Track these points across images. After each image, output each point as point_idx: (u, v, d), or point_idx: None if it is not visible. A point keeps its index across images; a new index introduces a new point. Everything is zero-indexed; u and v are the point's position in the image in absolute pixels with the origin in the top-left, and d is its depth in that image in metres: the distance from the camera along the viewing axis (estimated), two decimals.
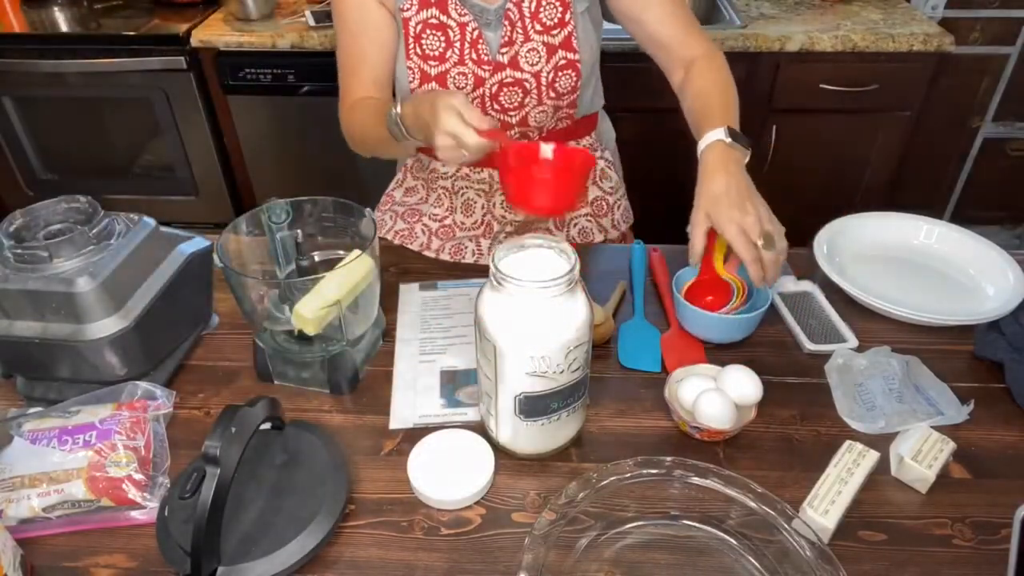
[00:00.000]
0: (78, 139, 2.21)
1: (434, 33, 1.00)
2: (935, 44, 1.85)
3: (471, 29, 0.99)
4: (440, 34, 1.00)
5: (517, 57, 1.01)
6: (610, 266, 1.07)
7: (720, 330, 0.90)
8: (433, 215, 1.17)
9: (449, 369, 0.90)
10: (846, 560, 0.65)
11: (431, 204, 1.18)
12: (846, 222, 1.08)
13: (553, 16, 0.99)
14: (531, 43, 1.00)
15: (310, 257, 0.87)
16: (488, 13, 1.00)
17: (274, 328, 0.85)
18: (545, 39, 1.00)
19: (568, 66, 1.02)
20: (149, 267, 0.84)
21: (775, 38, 1.86)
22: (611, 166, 1.21)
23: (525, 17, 0.99)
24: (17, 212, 0.80)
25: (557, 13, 0.99)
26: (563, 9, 0.99)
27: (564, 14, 0.99)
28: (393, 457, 0.79)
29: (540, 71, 1.01)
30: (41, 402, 0.84)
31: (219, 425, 0.62)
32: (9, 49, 2.01)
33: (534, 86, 1.02)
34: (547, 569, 0.64)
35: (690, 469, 0.71)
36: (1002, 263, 0.99)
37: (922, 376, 0.86)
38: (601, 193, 1.19)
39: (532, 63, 1.01)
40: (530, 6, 0.98)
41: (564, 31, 1.00)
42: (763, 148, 2.05)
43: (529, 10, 0.98)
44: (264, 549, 0.65)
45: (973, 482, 0.75)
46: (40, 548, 0.70)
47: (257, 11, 2.01)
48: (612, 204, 1.21)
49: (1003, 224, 2.58)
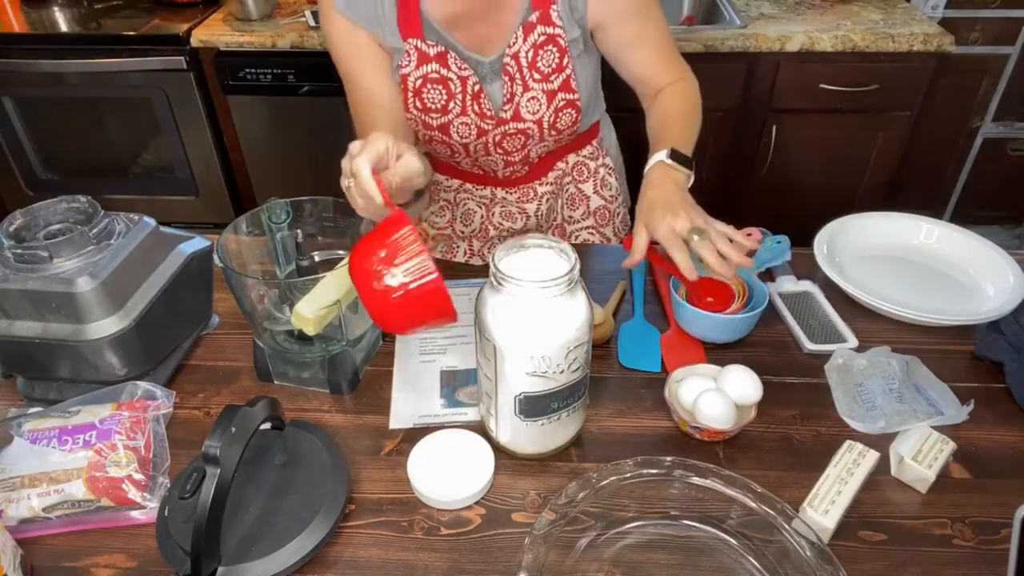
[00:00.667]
0: (78, 139, 2.21)
1: (435, 87, 0.98)
2: (935, 44, 1.85)
3: (472, 83, 0.99)
4: (441, 87, 0.99)
5: (519, 108, 1.00)
6: (610, 266, 1.07)
7: (718, 330, 0.90)
8: (433, 223, 1.18)
9: (449, 369, 0.90)
10: (846, 560, 0.65)
11: (434, 213, 1.18)
12: (846, 222, 1.08)
13: (551, 63, 0.98)
14: (531, 92, 0.99)
15: (310, 257, 0.87)
16: (483, 66, 0.99)
17: (274, 328, 0.85)
18: (544, 86, 0.99)
19: (568, 105, 1.01)
20: (149, 267, 0.84)
21: (775, 38, 1.86)
22: (612, 172, 1.21)
23: (523, 67, 0.98)
24: (17, 212, 0.80)
25: (554, 59, 0.98)
26: (560, 55, 0.97)
27: (562, 59, 0.98)
28: (393, 457, 0.79)
29: (542, 117, 1.01)
30: (41, 402, 0.84)
31: (219, 425, 0.62)
32: (9, 49, 2.01)
33: (536, 131, 1.03)
34: (547, 569, 0.64)
35: (690, 469, 0.71)
36: (1002, 263, 0.99)
37: (922, 376, 0.86)
38: (603, 202, 1.20)
39: (533, 111, 1.01)
40: (527, 56, 0.97)
41: (562, 75, 0.99)
42: (763, 148, 2.05)
43: (527, 60, 0.97)
44: (264, 549, 0.65)
45: (973, 482, 0.75)
46: (40, 548, 0.70)
47: (257, 11, 2.01)
48: (613, 211, 1.22)
49: (1003, 224, 2.58)
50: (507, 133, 1.03)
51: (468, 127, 1.02)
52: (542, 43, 0.96)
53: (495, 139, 1.04)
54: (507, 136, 1.03)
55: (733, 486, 0.70)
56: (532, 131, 1.03)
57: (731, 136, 2.03)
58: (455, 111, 1.00)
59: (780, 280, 1.01)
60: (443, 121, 1.01)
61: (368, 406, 0.85)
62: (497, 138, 1.03)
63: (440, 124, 1.01)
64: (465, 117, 1.01)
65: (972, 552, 0.68)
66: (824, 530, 0.68)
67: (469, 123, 1.01)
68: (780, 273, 1.02)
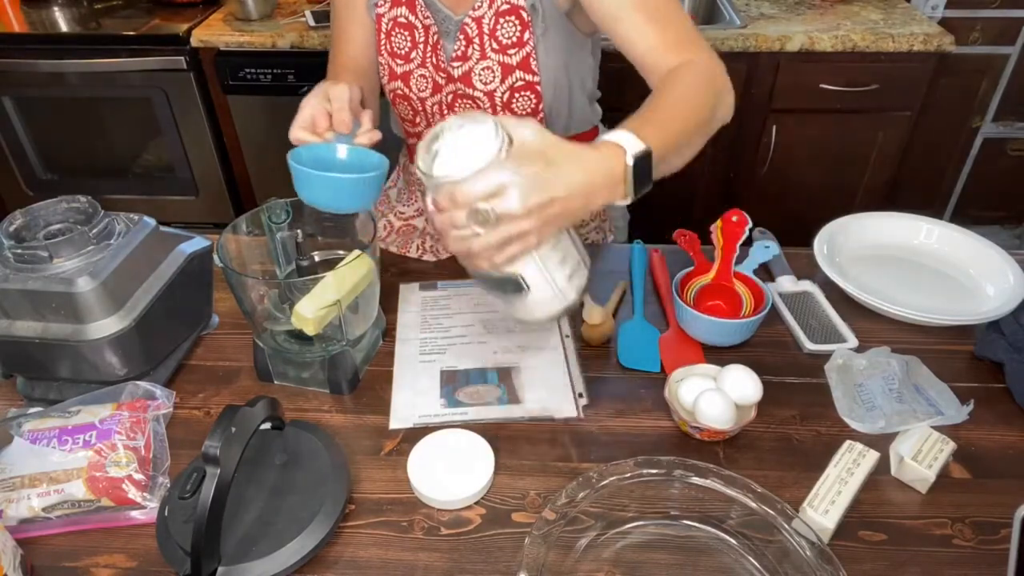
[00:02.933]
0: (78, 139, 2.21)
1: (401, 32, 0.99)
2: (935, 44, 1.85)
3: (432, 33, 0.98)
4: (407, 33, 0.99)
5: (471, 74, 0.98)
6: (610, 266, 1.07)
7: (719, 334, 0.90)
8: (399, 213, 1.17)
9: (449, 369, 0.90)
10: (846, 560, 0.65)
11: (400, 202, 1.18)
12: (846, 222, 1.08)
13: (511, 35, 0.94)
14: (487, 61, 0.96)
15: (310, 257, 0.87)
16: (449, 21, 0.97)
17: (274, 328, 0.85)
18: (501, 58, 0.96)
19: (526, 87, 0.97)
20: (149, 267, 0.84)
21: (775, 38, 1.86)
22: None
23: (484, 34, 0.95)
24: (17, 212, 0.80)
25: (515, 31, 0.94)
26: (521, 28, 0.93)
27: (523, 34, 0.94)
28: (393, 457, 0.79)
29: (494, 91, 0.98)
30: (41, 402, 0.84)
31: (219, 425, 0.62)
32: (9, 49, 2.01)
33: (488, 105, 1.00)
34: (547, 569, 0.64)
35: (690, 469, 0.71)
36: (1002, 263, 0.99)
37: (922, 376, 0.86)
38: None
39: (486, 82, 0.98)
40: (489, 23, 0.94)
41: (522, 51, 0.95)
42: (763, 148, 2.05)
43: (488, 27, 0.94)
44: (264, 549, 0.65)
45: (973, 482, 0.75)
46: (40, 548, 0.70)
47: (257, 11, 2.01)
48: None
49: (1003, 224, 2.58)
50: (458, 94, 1.00)
51: (426, 79, 1.01)
52: (504, 11, 0.93)
53: (448, 99, 1.02)
54: (459, 98, 1.01)
55: (733, 486, 0.70)
56: (483, 103, 0.99)
57: (731, 136, 2.03)
58: (416, 60, 1.00)
59: (780, 280, 1.01)
60: (406, 69, 1.01)
61: (368, 406, 0.85)
62: (449, 99, 1.01)
63: (403, 72, 1.02)
64: (424, 69, 1.00)
65: (972, 552, 0.68)
66: (824, 530, 0.68)
67: (427, 75, 1.01)
68: (780, 273, 1.02)
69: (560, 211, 0.64)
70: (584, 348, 0.93)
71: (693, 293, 0.94)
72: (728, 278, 0.94)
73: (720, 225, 0.94)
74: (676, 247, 0.99)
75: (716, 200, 2.14)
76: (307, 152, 0.79)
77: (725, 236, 0.94)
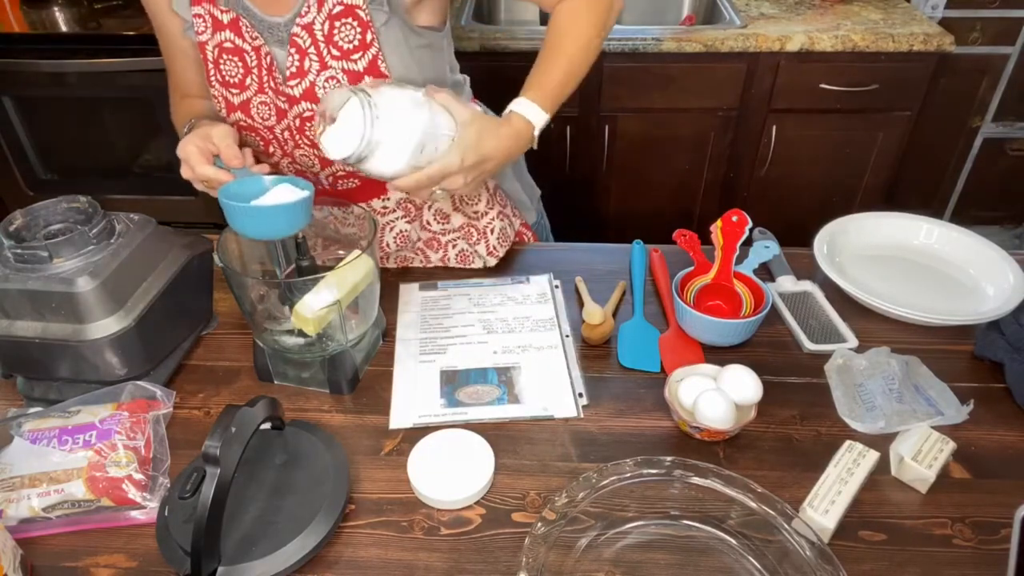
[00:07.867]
0: (78, 139, 2.21)
1: (231, 59, 0.90)
2: (935, 44, 1.85)
3: (264, 54, 0.89)
4: (237, 59, 0.90)
5: (313, 89, 0.89)
6: (610, 266, 1.07)
7: (719, 334, 0.90)
8: None
9: (449, 369, 0.90)
10: (846, 560, 0.65)
11: None
12: (846, 222, 1.08)
13: (351, 38, 0.86)
14: (329, 71, 0.87)
15: (310, 257, 0.87)
16: (277, 30, 0.88)
17: (274, 328, 0.85)
18: (345, 65, 0.87)
19: None
20: (149, 267, 0.84)
21: (775, 38, 1.86)
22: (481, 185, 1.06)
23: (319, 42, 0.86)
24: (17, 212, 0.80)
25: (356, 34, 0.85)
26: (362, 29, 0.85)
27: (364, 35, 0.85)
28: (393, 457, 0.79)
29: None
30: (41, 402, 0.84)
31: (219, 425, 0.62)
32: (9, 49, 2.01)
33: None
34: (547, 569, 0.64)
35: (690, 469, 0.71)
36: (1002, 263, 0.99)
37: (922, 376, 0.86)
38: (466, 220, 1.07)
39: None
40: (323, 28, 0.85)
41: (367, 54, 0.87)
42: (763, 148, 2.05)
43: (322, 33, 0.85)
44: (264, 549, 0.65)
45: (973, 482, 0.75)
46: (40, 548, 0.70)
47: None
48: (483, 229, 1.07)
49: (1003, 224, 2.58)
50: (303, 116, 0.91)
51: (267, 106, 0.93)
52: (338, 14, 0.85)
53: (295, 124, 0.92)
54: (306, 121, 0.92)
55: (733, 486, 0.70)
56: None
57: (731, 136, 2.03)
58: (252, 87, 0.91)
59: (780, 280, 1.01)
60: (243, 98, 0.93)
61: (368, 406, 0.85)
62: (297, 123, 0.92)
63: (241, 102, 0.93)
64: (263, 95, 0.92)
65: (972, 552, 0.68)
66: (824, 530, 0.68)
67: (267, 102, 0.92)
68: (780, 273, 1.02)
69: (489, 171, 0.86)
70: (584, 348, 0.93)
71: (693, 293, 0.94)
72: (728, 278, 0.94)
73: (720, 225, 0.94)
74: (676, 247, 0.99)
75: (716, 200, 2.14)
76: (236, 187, 0.85)
77: (725, 236, 0.94)
